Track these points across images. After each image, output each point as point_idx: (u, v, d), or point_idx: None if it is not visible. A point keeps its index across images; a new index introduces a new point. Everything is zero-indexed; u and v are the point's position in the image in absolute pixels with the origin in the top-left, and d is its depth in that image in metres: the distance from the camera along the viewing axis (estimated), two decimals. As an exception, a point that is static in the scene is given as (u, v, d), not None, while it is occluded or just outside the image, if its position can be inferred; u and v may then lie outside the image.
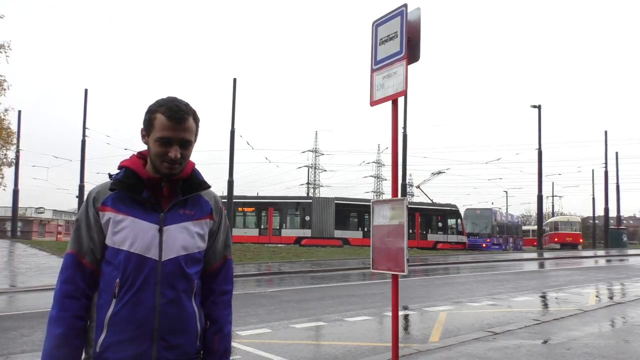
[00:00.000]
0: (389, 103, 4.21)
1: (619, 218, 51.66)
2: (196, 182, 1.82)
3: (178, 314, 1.70)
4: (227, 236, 1.93)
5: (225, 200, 24.78)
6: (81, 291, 1.69)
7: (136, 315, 1.64)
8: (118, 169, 1.79)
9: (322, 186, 73.38)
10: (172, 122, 1.68)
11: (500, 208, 50.55)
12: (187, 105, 1.75)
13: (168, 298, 1.68)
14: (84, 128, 32.24)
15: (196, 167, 1.87)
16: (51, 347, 1.65)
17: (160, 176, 1.74)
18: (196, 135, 1.79)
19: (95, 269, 1.72)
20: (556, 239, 45.44)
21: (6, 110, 30.64)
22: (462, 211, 37.27)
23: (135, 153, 1.85)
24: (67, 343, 1.65)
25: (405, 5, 4.04)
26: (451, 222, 35.42)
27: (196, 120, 1.77)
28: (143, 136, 1.76)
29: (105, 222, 1.70)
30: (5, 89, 28.94)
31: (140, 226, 1.69)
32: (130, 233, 1.68)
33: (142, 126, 1.76)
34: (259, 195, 39.68)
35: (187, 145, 1.73)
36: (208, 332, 1.82)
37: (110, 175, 1.79)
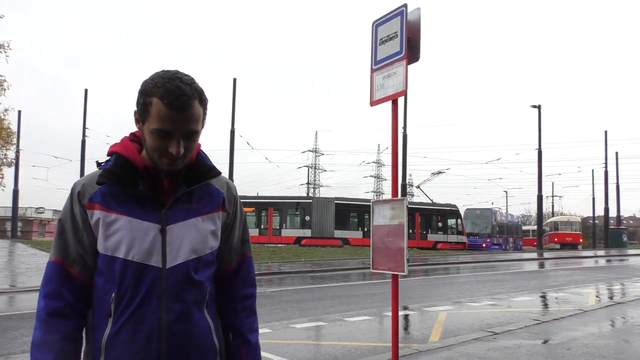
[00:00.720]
0: (389, 103, 4.21)
1: (619, 218, 51.72)
2: (204, 169, 1.49)
3: (188, 330, 1.41)
4: (245, 230, 1.61)
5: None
6: (71, 307, 1.39)
7: (138, 336, 1.36)
8: (107, 155, 1.46)
9: (322, 186, 73.46)
10: (172, 110, 1.32)
11: (500, 208, 50.59)
12: (191, 84, 1.36)
13: (176, 313, 1.39)
14: (84, 128, 32.37)
15: (202, 149, 1.52)
16: None
17: None
18: (204, 120, 1.43)
19: (87, 279, 1.41)
20: (556, 239, 45.46)
21: (6, 110, 30.78)
22: (462, 211, 37.30)
23: (127, 135, 1.50)
24: None
25: (405, 5, 4.04)
26: (451, 222, 35.43)
27: (203, 102, 1.40)
28: (137, 120, 1.41)
29: (95, 222, 1.39)
30: (5, 89, 29.03)
31: (137, 227, 1.38)
32: (125, 236, 1.37)
33: (135, 108, 1.40)
34: (259, 195, 39.68)
35: (192, 136, 1.39)
36: (232, 345, 1.56)
37: (98, 164, 1.46)
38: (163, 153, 1.36)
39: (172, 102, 1.31)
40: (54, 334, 1.37)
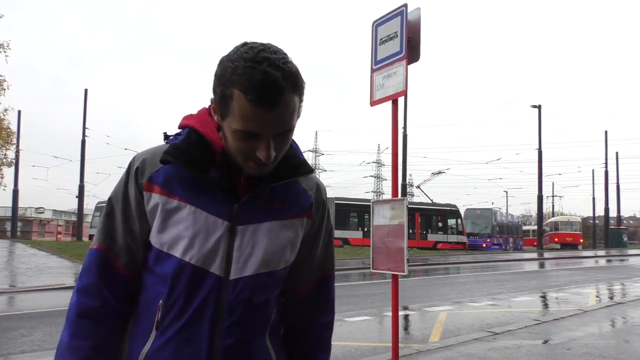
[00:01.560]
0: (389, 103, 4.21)
1: (619, 218, 51.76)
2: (293, 162, 1.19)
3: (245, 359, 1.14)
4: (329, 243, 1.34)
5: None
6: (108, 308, 1.13)
7: (184, 357, 1.10)
8: (179, 127, 1.18)
9: (322, 186, 73.45)
10: (259, 108, 1.00)
11: (500, 208, 50.61)
12: (283, 66, 1.01)
13: (233, 338, 1.12)
14: (84, 128, 32.26)
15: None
16: None
17: None
18: (299, 111, 1.09)
19: (132, 276, 1.16)
20: (556, 239, 45.49)
21: (6, 110, 30.72)
22: (462, 211, 37.29)
23: (206, 107, 1.19)
24: None
25: (405, 5, 4.04)
26: (451, 222, 35.41)
27: (299, 89, 1.05)
28: (214, 110, 1.11)
29: (152, 208, 1.13)
30: (5, 89, 29.01)
31: (202, 221, 1.11)
32: (186, 231, 1.10)
33: (211, 96, 1.10)
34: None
35: (285, 135, 1.08)
36: None
37: (166, 137, 1.19)
38: (249, 156, 1.07)
39: (258, 97, 0.99)
40: (82, 340, 1.11)
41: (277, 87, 0.99)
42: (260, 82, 0.98)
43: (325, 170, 74.96)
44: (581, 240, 45.81)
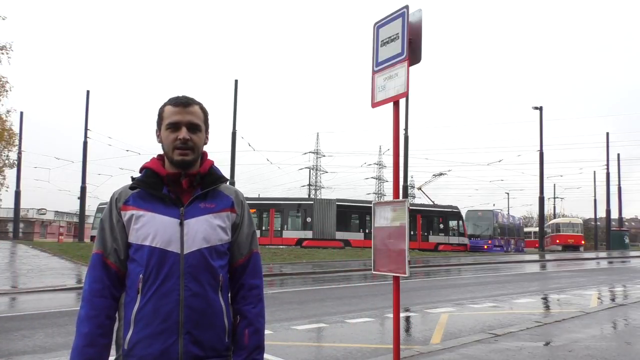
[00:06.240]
0: (391, 104, 4.21)
1: (620, 220, 51.62)
2: (215, 177, 1.83)
3: (203, 307, 1.68)
4: (252, 229, 1.89)
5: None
6: (108, 290, 1.71)
7: (160, 309, 1.64)
8: (139, 171, 1.83)
9: (323, 187, 73.30)
10: (177, 107, 1.76)
11: (501, 209, 50.39)
12: (192, 97, 1.83)
13: (192, 291, 1.66)
14: (86, 129, 32.26)
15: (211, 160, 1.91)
16: (80, 346, 1.65)
17: (179, 171, 1.76)
18: (206, 125, 1.84)
19: (119, 270, 1.73)
20: (558, 241, 45.40)
21: (8, 111, 30.57)
22: (463, 213, 37.20)
23: (155, 156, 1.88)
24: (95, 342, 1.65)
25: (406, 7, 4.04)
26: (452, 223, 35.34)
27: (203, 110, 1.83)
28: (158, 135, 1.82)
29: (128, 219, 1.72)
30: (7, 90, 28.97)
31: (160, 221, 1.70)
32: (151, 228, 1.69)
33: (155, 128, 1.84)
34: (260, 196, 39.65)
35: (195, 129, 1.77)
36: (238, 327, 1.78)
37: (132, 179, 1.82)
38: (175, 144, 1.74)
39: (177, 101, 1.78)
40: (95, 311, 1.68)
41: (187, 98, 1.81)
42: (178, 97, 1.81)
43: (327, 172, 74.76)
44: (583, 242, 45.68)
